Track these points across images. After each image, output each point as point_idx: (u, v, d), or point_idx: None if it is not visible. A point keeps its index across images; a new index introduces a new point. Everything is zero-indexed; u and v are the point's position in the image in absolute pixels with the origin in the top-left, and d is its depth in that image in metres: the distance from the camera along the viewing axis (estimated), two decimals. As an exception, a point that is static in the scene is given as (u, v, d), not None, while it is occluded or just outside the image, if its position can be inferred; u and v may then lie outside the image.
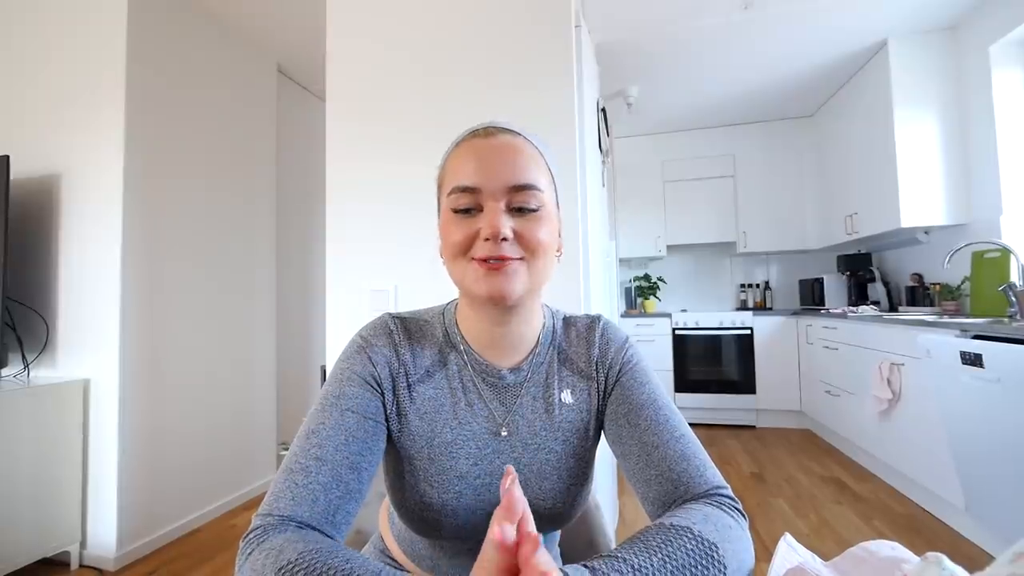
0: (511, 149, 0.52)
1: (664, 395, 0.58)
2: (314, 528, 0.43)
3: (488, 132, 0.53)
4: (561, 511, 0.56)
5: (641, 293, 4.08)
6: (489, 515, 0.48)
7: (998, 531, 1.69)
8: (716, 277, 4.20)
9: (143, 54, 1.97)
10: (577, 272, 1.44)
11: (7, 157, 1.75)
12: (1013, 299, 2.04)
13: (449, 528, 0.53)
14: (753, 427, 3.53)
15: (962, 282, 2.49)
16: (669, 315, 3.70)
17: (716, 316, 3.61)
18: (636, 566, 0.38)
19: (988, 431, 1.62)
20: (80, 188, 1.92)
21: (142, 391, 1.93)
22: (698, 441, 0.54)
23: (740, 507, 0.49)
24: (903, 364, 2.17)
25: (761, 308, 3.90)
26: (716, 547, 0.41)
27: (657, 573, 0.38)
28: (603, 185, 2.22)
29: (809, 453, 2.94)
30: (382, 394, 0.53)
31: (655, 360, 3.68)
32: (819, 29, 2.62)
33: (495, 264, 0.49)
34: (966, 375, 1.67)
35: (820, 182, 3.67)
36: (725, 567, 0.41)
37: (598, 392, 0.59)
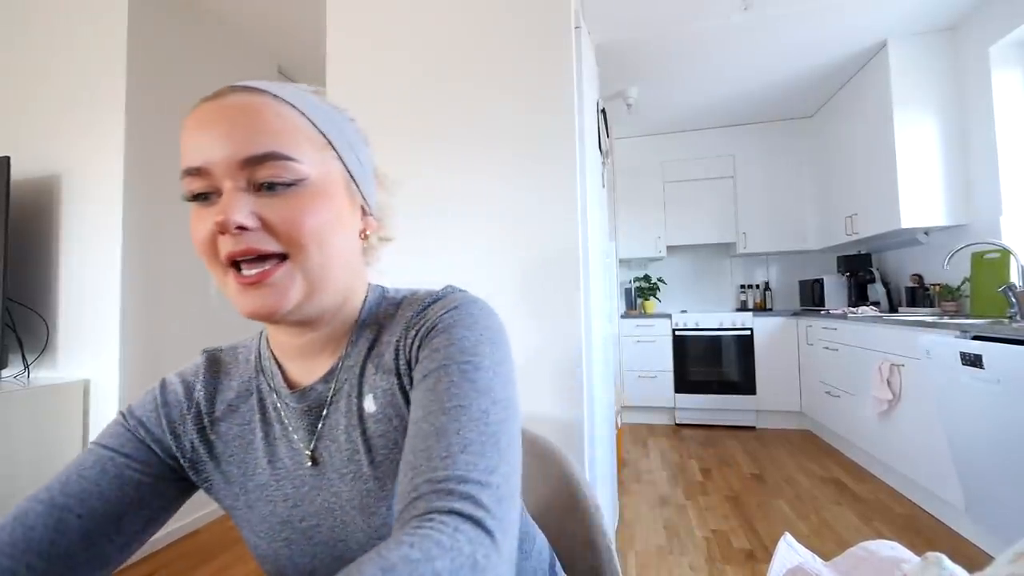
0: (242, 109, 0.39)
1: (481, 359, 0.40)
2: None
3: (217, 94, 0.40)
4: None
5: (641, 294, 4.08)
6: (333, 558, 0.44)
7: (998, 531, 1.69)
8: (716, 278, 4.21)
9: (143, 55, 1.97)
10: (577, 273, 1.44)
11: (8, 158, 1.75)
12: (1013, 300, 2.04)
13: None
14: (753, 428, 3.53)
15: (962, 283, 2.49)
16: (669, 316, 3.71)
17: (716, 317, 3.61)
18: None
19: (988, 432, 1.62)
20: (80, 189, 1.92)
21: (142, 392, 1.93)
22: (495, 422, 0.37)
23: (488, 521, 0.31)
24: (903, 365, 2.18)
25: (761, 309, 3.91)
26: None
27: None
28: (603, 186, 2.22)
29: (809, 454, 2.94)
30: (159, 440, 0.46)
31: (655, 361, 3.68)
32: (819, 30, 2.63)
33: (252, 279, 0.38)
34: (966, 376, 1.67)
35: (820, 183, 3.67)
36: None
37: (402, 386, 0.44)
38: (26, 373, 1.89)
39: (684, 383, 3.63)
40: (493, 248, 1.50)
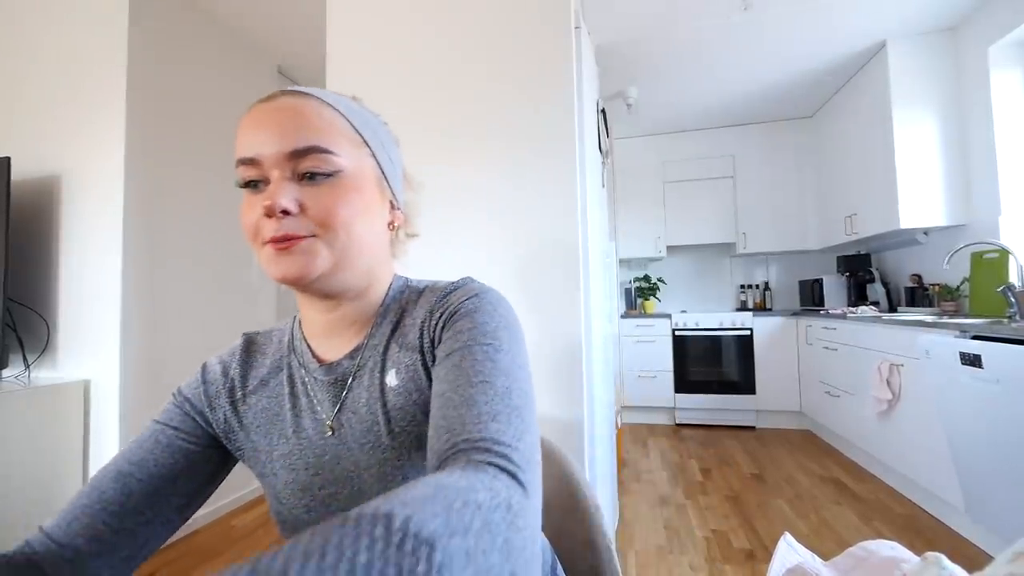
0: (291, 111, 0.45)
1: (501, 342, 0.44)
2: (49, 538, 0.44)
3: (271, 96, 0.46)
4: None
5: (641, 294, 4.08)
6: None
7: (997, 531, 1.69)
8: (716, 278, 4.21)
9: (144, 56, 1.97)
10: (577, 272, 1.44)
11: (8, 159, 1.75)
12: (1012, 300, 2.04)
13: None
14: (753, 428, 3.54)
15: (961, 283, 2.49)
16: (669, 316, 3.71)
17: (716, 317, 3.61)
18: (274, 568, 0.21)
19: (987, 431, 1.62)
20: (81, 189, 1.93)
21: (143, 392, 1.93)
22: (517, 398, 0.39)
23: (521, 475, 0.33)
24: (903, 365, 2.18)
25: (761, 309, 3.91)
26: (430, 545, 0.24)
27: None
28: (603, 186, 2.23)
29: (809, 453, 2.95)
30: (201, 412, 0.53)
31: (655, 361, 3.69)
32: (818, 30, 2.63)
33: (283, 245, 0.43)
34: (965, 376, 1.67)
35: (819, 183, 3.67)
36: (442, 572, 0.23)
37: (425, 364, 0.49)
38: (27, 373, 1.89)
39: (684, 383, 3.63)
40: (493, 247, 1.51)
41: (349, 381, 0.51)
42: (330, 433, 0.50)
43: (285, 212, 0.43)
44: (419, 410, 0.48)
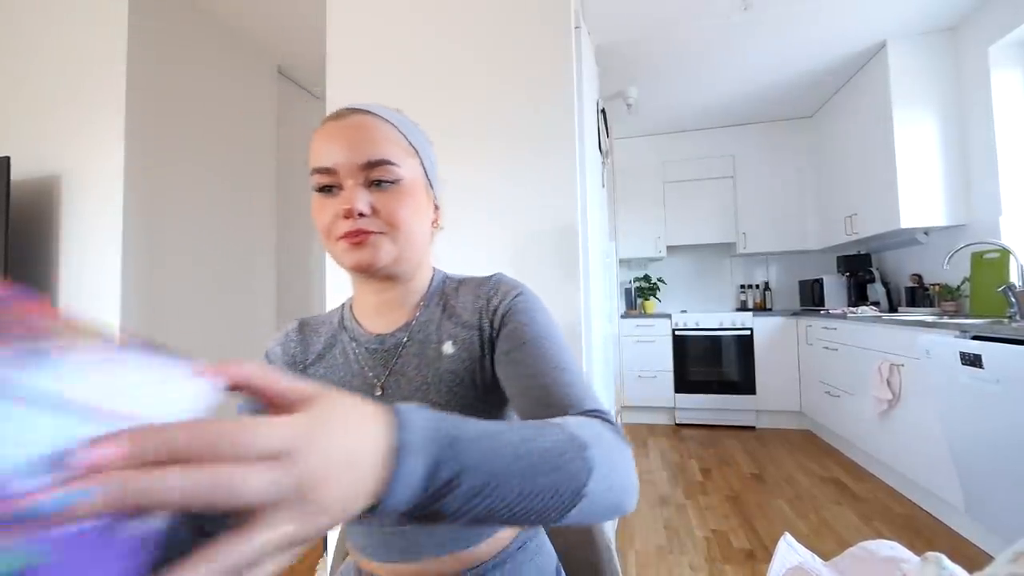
0: (362, 128, 0.54)
1: (555, 335, 0.56)
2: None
3: (340, 114, 0.55)
4: None
5: (641, 294, 4.08)
6: None
7: (997, 531, 1.69)
8: (716, 278, 4.21)
9: (144, 56, 1.97)
10: (577, 273, 1.44)
11: (8, 159, 1.75)
12: (1012, 300, 2.04)
13: None
14: (753, 428, 3.53)
15: (962, 283, 2.49)
16: (669, 316, 3.71)
17: (716, 317, 3.61)
18: (490, 431, 0.32)
19: (987, 431, 1.62)
20: (80, 189, 1.92)
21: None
22: (584, 377, 0.54)
23: (614, 425, 0.46)
24: (903, 365, 2.18)
25: (761, 309, 3.91)
26: (586, 446, 0.37)
27: (510, 446, 0.32)
28: (603, 186, 2.23)
29: (809, 453, 2.94)
30: None
31: (655, 361, 3.69)
32: (818, 30, 2.63)
33: (357, 240, 0.52)
34: (965, 376, 1.67)
35: (820, 183, 3.67)
36: (592, 468, 0.36)
37: (482, 340, 0.58)
38: (26, 373, 1.89)
39: (684, 383, 3.63)
40: (493, 247, 1.51)
41: (400, 349, 0.60)
42: (380, 392, 0.59)
43: (361, 214, 0.52)
44: (468, 375, 0.57)
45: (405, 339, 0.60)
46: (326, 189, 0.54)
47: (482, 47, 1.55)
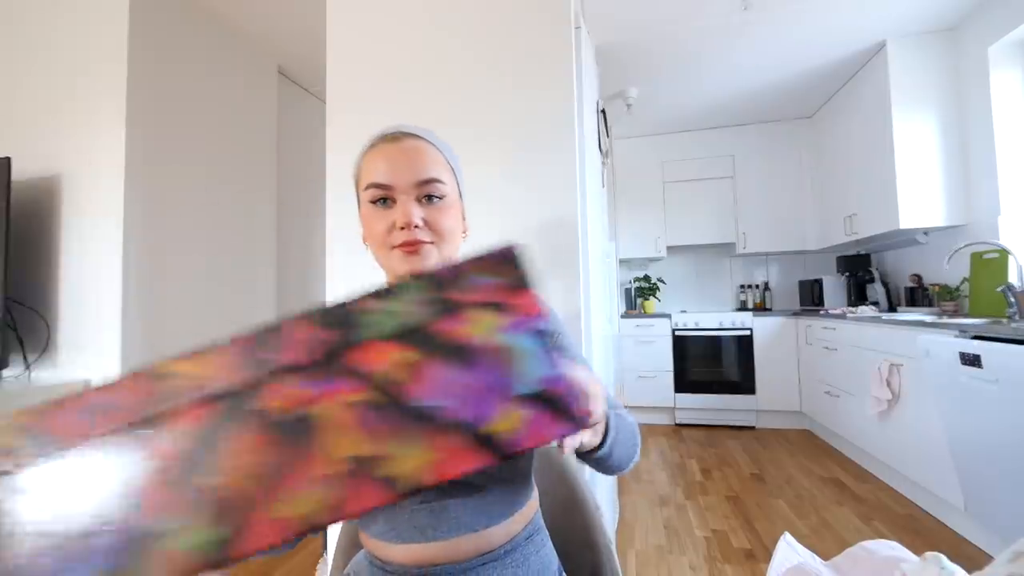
0: (416, 151, 0.61)
1: (567, 333, 0.70)
2: None
3: (395, 137, 0.62)
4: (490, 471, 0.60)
5: (641, 294, 4.08)
6: None
7: (997, 531, 1.69)
8: (716, 278, 4.21)
9: (144, 55, 1.97)
10: (577, 273, 1.44)
11: (8, 159, 1.75)
12: (1012, 300, 2.04)
13: None
14: (753, 428, 3.54)
15: (961, 283, 2.49)
16: (669, 316, 3.71)
17: (716, 317, 3.62)
18: (616, 426, 0.55)
19: (987, 431, 1.62)
20: (81, 189, 1.92)
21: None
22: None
23: (628, 412, 0.65)
24: (902, 365, 2.18)
25: (761, 309, 3.91)
26: (636, 426, 0.63)
27: (619, 419, 0.58)
28: (603, 186, 2.23)
29: (809, 454, 2.95)
30: None
31: (655, 361, 3.69)
32: (818, 30, 2.63)
33: (412, 248, 0.59)
34: (965, 376, 1.67)
35: (819, 183, 3.67)
36: (635, 432, 0.63)
37: None
38: (27, 373, 1.89)
39: (684, 383, 3.63)
40: (492, 247, 1.50)
41: None
42: None
43: (416, 227, 0.59)
44: None
45: None
46: (381, 201, 0.60)
47: (482, 47, 1.55)
